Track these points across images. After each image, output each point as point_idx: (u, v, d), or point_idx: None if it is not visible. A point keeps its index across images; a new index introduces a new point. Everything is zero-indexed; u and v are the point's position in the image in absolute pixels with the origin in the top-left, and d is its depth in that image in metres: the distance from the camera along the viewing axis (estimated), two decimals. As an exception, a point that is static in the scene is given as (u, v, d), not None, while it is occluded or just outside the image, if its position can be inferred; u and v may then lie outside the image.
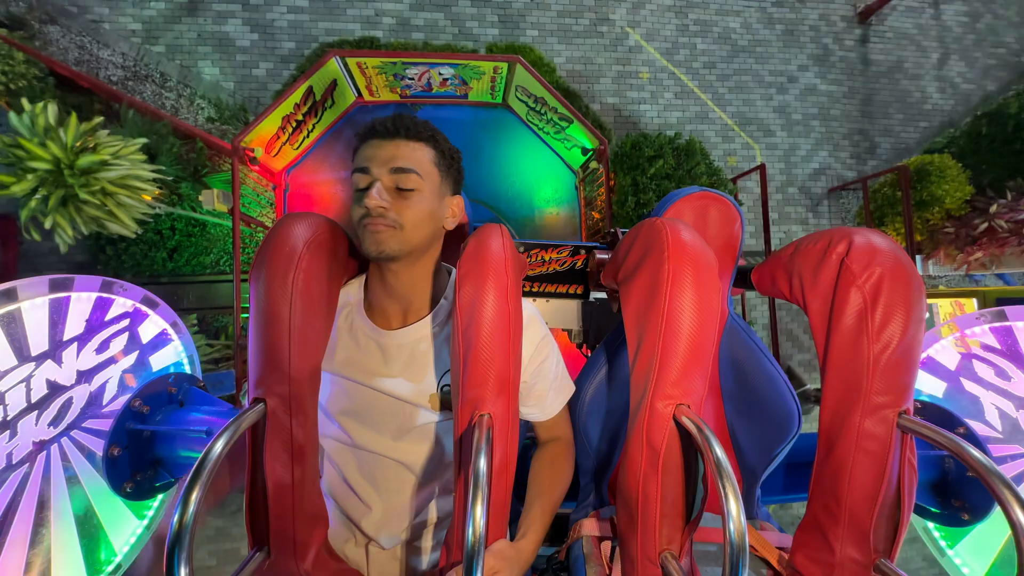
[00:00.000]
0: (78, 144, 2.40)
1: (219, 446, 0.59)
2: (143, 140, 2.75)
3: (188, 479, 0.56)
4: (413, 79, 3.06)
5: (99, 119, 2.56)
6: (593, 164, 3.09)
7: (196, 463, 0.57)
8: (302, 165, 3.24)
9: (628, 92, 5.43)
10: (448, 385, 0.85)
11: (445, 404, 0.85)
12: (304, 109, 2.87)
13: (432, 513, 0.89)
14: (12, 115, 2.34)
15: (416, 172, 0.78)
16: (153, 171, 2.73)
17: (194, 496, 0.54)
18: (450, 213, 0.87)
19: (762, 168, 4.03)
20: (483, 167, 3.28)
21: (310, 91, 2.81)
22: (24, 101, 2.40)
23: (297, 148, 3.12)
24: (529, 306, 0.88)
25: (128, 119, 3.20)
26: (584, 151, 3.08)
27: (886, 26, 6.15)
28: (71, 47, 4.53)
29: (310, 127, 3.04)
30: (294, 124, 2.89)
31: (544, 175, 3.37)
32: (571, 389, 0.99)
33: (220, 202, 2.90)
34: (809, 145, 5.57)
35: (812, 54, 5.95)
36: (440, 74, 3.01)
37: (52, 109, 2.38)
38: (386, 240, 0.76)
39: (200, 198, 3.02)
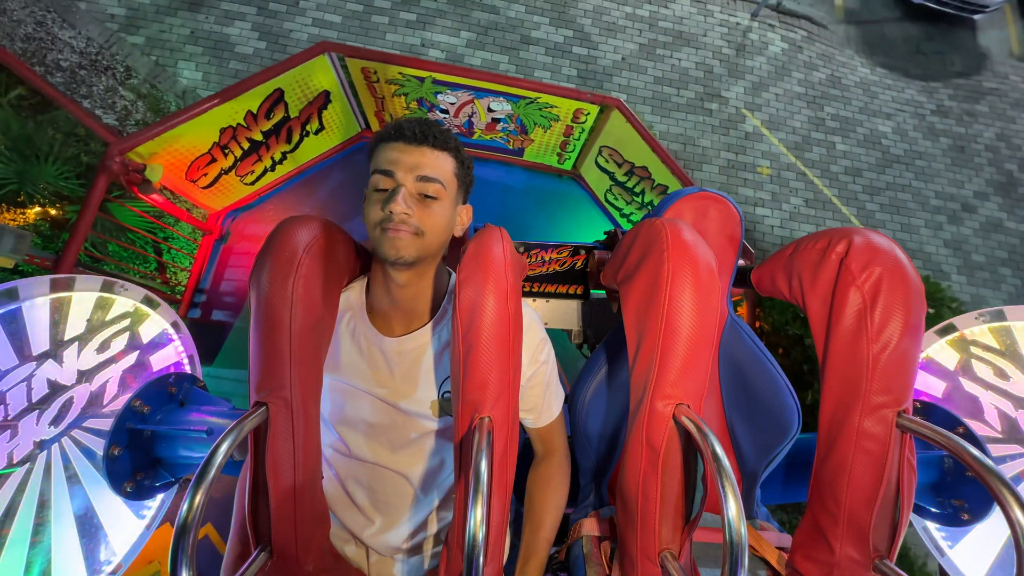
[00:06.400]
0: None
1: (223, 449, 0.60)
2: None
3: (193, 482, 0.56)
4: (448, 111, 2.04)
5: None
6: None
7: (200, 466, 0.57)
8: (257, 209, 2.06)
9: (741, 188, 3.90)
10: (449, 392, 0.85)
11: (445, 411, 0.85)
12: (266, 125, 1.77)
13: (433, 526, 0.89)
14: None
15: (440, 182, 0.79)
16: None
17: (198, 499, 0.55)
18: (460, 221, 0.88)
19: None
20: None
21: (279, 96, 1.70)
22: None
23: (252, 184, 1.97)
24: (529, 311, 0.88)
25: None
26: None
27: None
28: (28, 20, 3.56)
29: (277, 156, 1.95)
30: (245, 145, 1.79)
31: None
32: (562, 395, 0.98)
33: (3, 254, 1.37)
34: (1000, 300, 3.68)
35: (992, 180, 4.21)
36: (490, 110, 1.89)
37: None
38: (406, 246, 0.77)
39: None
